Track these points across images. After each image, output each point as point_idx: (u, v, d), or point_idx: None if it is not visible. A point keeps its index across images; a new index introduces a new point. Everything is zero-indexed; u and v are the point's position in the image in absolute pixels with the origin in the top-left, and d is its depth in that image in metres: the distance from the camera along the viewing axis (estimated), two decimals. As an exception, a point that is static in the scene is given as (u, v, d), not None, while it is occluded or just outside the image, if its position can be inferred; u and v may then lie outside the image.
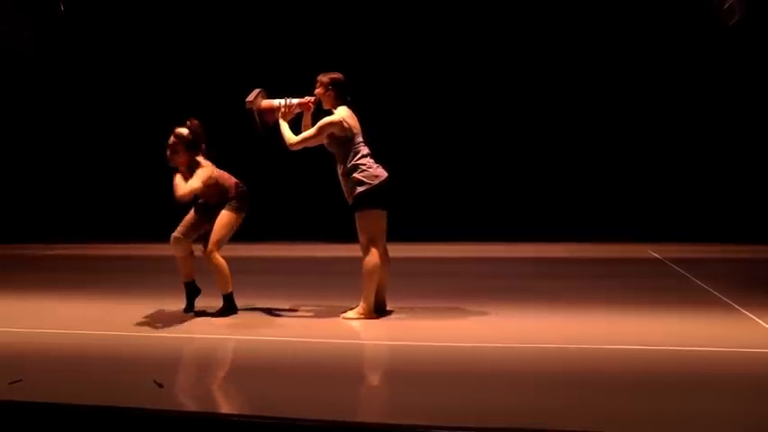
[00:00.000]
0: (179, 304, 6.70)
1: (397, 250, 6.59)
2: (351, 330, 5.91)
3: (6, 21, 11.83)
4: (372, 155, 6.11)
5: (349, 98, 6.18)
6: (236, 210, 6.36)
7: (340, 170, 6.09)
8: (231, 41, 12.85)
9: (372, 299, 6.08)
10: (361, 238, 6.04)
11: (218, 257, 6.30)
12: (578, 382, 4.38)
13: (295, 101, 6.25)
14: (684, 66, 11.85)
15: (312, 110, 6.26)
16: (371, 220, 6.01)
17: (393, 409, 4.09)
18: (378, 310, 6.15)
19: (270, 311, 6.50)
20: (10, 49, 12.49)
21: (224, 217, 6.33)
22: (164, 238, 6.59)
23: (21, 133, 14.04)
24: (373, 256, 5.99)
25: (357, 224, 6.04)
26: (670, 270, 8.76)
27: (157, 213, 12.80)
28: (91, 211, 13.59)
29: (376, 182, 5.97)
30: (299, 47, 12.37)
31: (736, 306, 6.36)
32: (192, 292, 6.55)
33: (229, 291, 6.36)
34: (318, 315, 6.38)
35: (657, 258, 9.79)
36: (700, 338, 5.35)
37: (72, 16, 12.26)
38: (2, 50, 12.43)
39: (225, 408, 3.95)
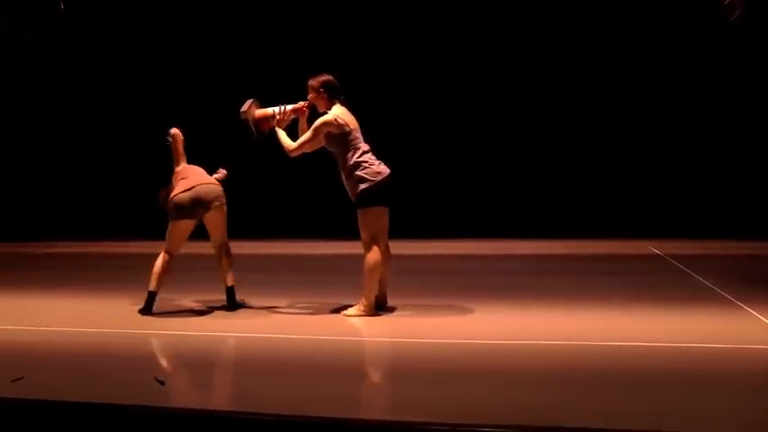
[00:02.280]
0: (179, 301, 6.72)
1: (399, 247, 6.59)
2: (352, 327, 5.91)
3: (7, 19, 11.84)
4: (373, 151, 6.11)
5: (342, 97, 6.17)
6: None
7: (342, 168, 6.08)
8: (228, 43, 12.87)
9: (373, 296, 6.08)
10: (363, 234, 6.04)
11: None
12: (579, 379, 4.38)
13: (289, 107, 6.24)
14: (685, 62, 11.87)
15: (307, 114, 6.26)
16: (373, 217, 6.01)
17: (394, 407, 4.10)
18: (378, 307, 6.16)
19: (270, 309, 6.51)
20: (10, 47, 12.50)
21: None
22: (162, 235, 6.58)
23: (21, 131, 14.06)
24: (374, 254, 5.99)
25: (359, 221, 6.04)
26: (671, 266, 8.76)
27: (157, 211, 12.89)
28: (91, 208, 13.61)
29: (378, 179, 5.97)
30: (298, 47, 12.40)
31: (738, 302, 6.36)
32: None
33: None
34: (319, 312, 6.39)
35: (658, 255, 9.78)
36: (701, 335, 5.34)
37: (72, 15, 12.26)
38: (2, 48, 12.44)
39: (225, 405, 3.95)
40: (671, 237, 11.09)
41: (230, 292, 6.48)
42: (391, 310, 6.26)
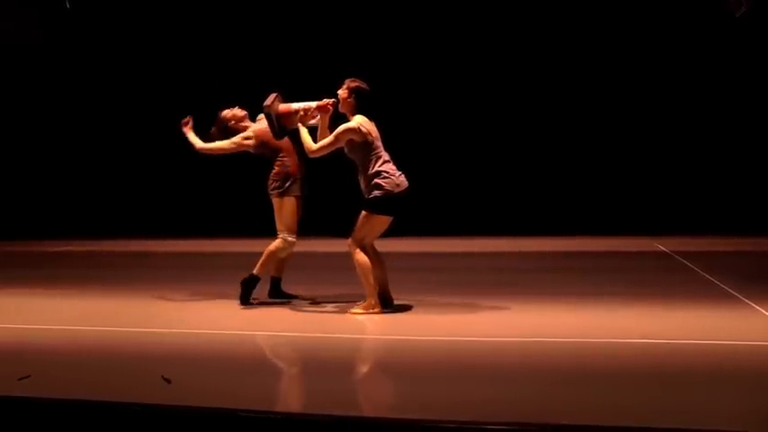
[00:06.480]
0: (182, 299, 6.74)
1: (403, 245, 6.59)
2: (358, 325, 5.91)
3: (12, 16, 11.86)
4: (393, 160, 6.11)
5: (366, 108, 6.15)
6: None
7: (361, 174, 6.08)
8: (238, 39, 12.87)
9: (375, 293, 6.09)
10: (357, 233, 6.06)
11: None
12: (585, 377, 4.37)
13: (313, 104, 6.20)
14: (688, 59, 11.85)
15: (331, 112, 6.21)
16: (376, 224, 6.05)
17: (401, 404, 4.09)
18: (385, 305, 6.16)
19: (277, 306, 6.52)
20: (18, 45, 12.52)
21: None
22: (164, 233, 6.60)
23: (25, 132, 14.09)
24: (360, 254, 6.04)
25: (361, 220, 6.05)
26: (677, 263, 8.75)
27: (158, 209, 12.92)
28: (93, 207, 13.64)
29: (397, 190, 5.98)
30: (305, 50, 12.42)
31: (744, 299, 6.35)
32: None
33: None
34: (325, 310, 6.39)
35: (664, 252, 9.77)
36: (706, 331, 5.33)
37: (77, 12, 12.28)
38: (10, 47, 12.47)
39: (232, 403, 3.94)
40: (677, 233, 11.08)
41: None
42: (397, 307, 6.26)
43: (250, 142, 6.61)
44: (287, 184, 6.53)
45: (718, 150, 11.87)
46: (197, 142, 6.65)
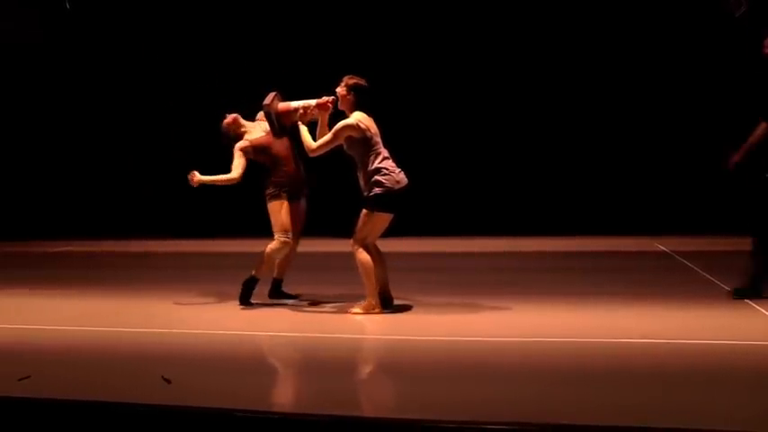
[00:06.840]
0: (182, 299, 6.73)
1: (402, 245, 6.58)
2: (358, 325, 5.91)
3: (12, 17, 11.86)
4: (393, 157, 6.10)
5: (366, 106, 6.14)
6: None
7: (360, 171, 6.08)
8: (237, 39, 12.87)
9: (376, 293, 6.08)
10: (359, 233, 6.06)
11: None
12: (585, 376, 4.37)
13: (313, 102, 6.20)
14: (687, 58, 11.83)
15: (330, 110, 6.20)
16: (377, 222, 6.04)
17: (401, 404, 4.09)
18: (385, 305, 6.16)
19: (277, 306, 6.51)
20: (18, 45, 12.52)
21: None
22: (164, 233, 6.61)
23: (24, 132, 14.08)
24: (363, 253, 6.04)
25: (362, 219, 6.05)
26: (677, 263, 8.75)
27: (158, 209, 12.91)
28: (93, 207, 13.63)
29: (397, 187, 5.98)
30: (305, 49, 12.41)
31: (744, 299, 6.34)
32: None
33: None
34: (325, 310, 6.39)
35: (664, 251, 9.77)
36: (707, 331, 5.33)
37: (77, 12, 12.28)
38: (10, 47, 12.47)
39: (232, 403, 3.95)
40: (677, 233, 11.07)
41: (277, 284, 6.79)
42: (397, 307, 6.26)
43: (248, 152, 6.61)
44: (280, 190, 6.52)
45: (717, 150, 11.83)
46: (220, 177, 6.63)
